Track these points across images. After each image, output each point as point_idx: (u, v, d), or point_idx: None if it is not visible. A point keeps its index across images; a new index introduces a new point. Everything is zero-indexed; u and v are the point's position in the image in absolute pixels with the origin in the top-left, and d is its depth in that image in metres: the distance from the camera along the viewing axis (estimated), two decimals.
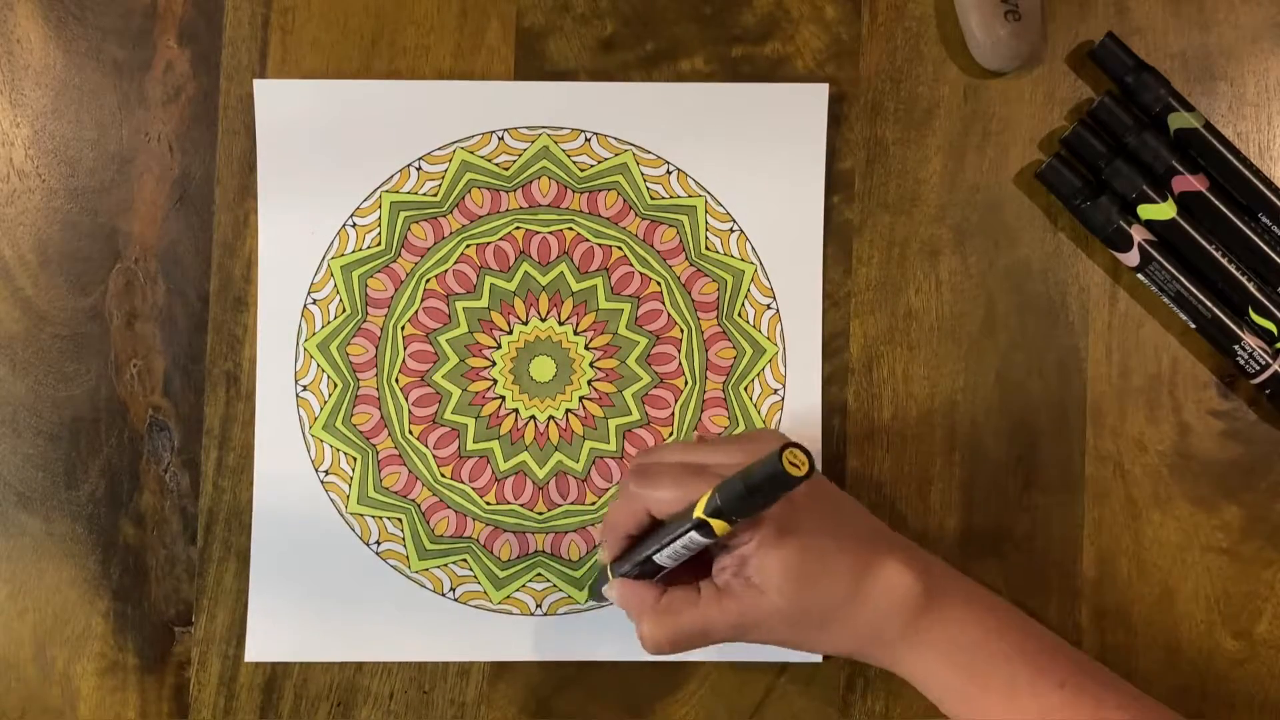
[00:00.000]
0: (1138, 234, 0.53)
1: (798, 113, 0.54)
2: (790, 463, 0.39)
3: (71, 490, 0.54)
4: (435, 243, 0.54)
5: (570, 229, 0.54)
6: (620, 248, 0.54)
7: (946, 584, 0.47)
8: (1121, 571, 0.54)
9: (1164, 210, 0.53)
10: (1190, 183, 0.53)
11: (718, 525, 0.42)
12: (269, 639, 0.53)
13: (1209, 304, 0.53)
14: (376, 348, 0.54)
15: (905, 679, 0.47)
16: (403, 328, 0.54)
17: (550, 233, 0.54)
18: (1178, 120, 0.53)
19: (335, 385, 0.54)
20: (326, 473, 0.54)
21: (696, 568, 0.47)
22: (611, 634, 0.53)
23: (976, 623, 0.46)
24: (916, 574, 0.46)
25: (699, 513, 0.42)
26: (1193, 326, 0.53)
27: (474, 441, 0.54)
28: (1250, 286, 0.53)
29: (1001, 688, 0.45)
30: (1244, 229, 0.53)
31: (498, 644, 0.53)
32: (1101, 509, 0.54)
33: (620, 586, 0.48)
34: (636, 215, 0.54)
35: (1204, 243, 0.53)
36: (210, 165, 0.54)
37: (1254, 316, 0.53)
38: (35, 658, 0.53)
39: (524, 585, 0.53)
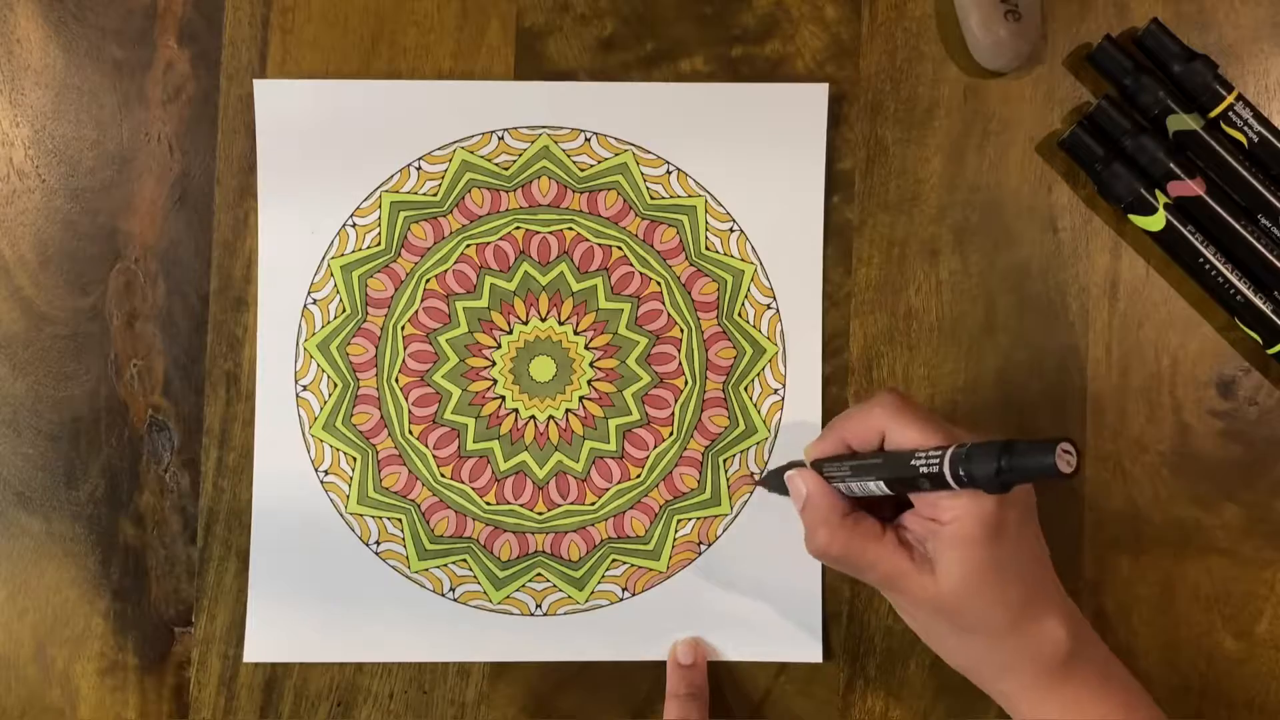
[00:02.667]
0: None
1: (798, 113, 0.54)
2: (1064, 454, 0.38)
3: (71, 490, 0.54)
4: (435, 243, 0.54)
5: (570, 229, 0.54)
6: (620, 248, 0.54)
7: (1091, 654, 0.47)
8: (1121, 571, 0.54)
9: (1154, 222, 0.53)
10: (1188, 187, 0.53)
11: (952, 481, 0.41)
12: (268, 639, 0.53)
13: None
14: (376, 348, 0.54)
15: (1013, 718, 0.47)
16: (403, 328, 0.54)
17: (550, 233, 0.54)
18: (1176, 122, 0.53)
19: (335, 385, 0.54)
20: (326, 473, 0.54)
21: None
22: (611, 634, 0.53)
23: (1105, 699, 0.46)
24: (1070, 634, 0.45)
25: (944, 465, 0.41)
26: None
27: (474, 441, 0.54)
28: (1244, 291, 0.53)
29: None
30: (1242, 232, 0.53)
31: (498, 644, 0.53)
32: (1101, 509, 0.54)
33: (816, 482, 0.47)
34: (636, 215, 0.54)
35: (1199, 247, 0.53)
36: (210, 165, 0.54)
37: (1240, 325, 0.53)
38: (35, 658, 0.53)
39: (524, 585, 0.53)
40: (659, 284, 0.54)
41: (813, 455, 0.48)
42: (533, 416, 0.54)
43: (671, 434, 0.54)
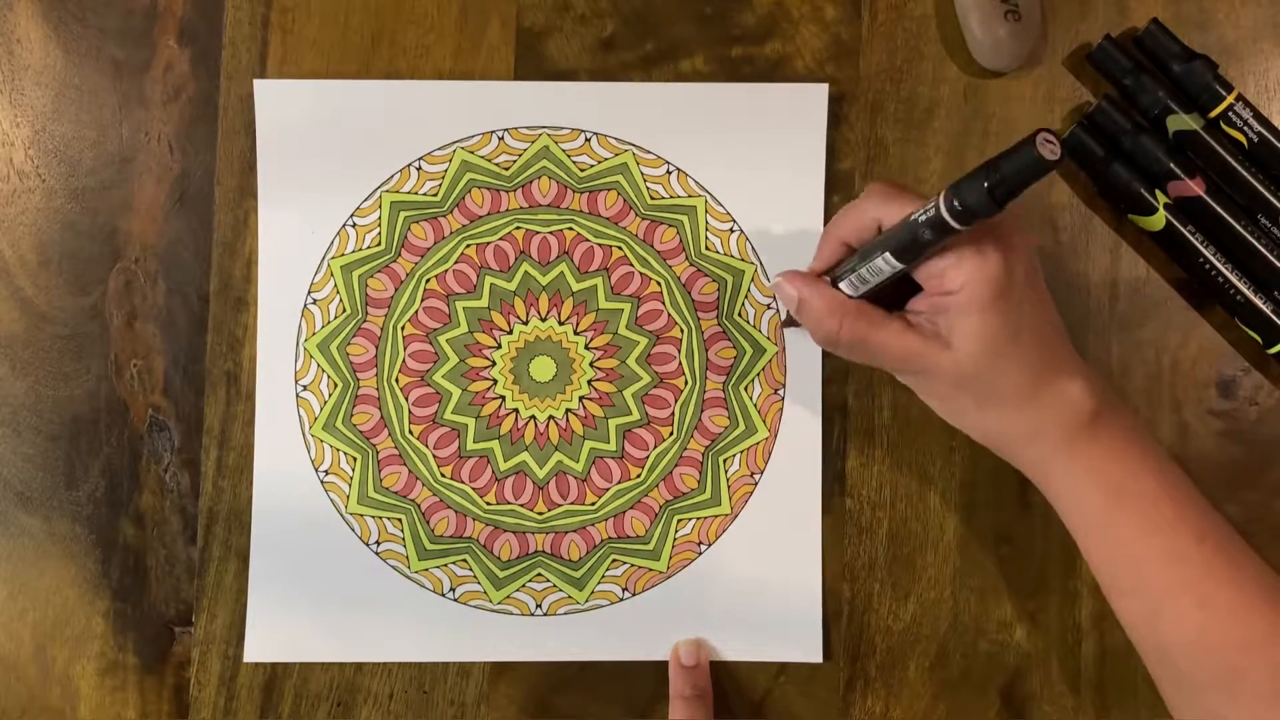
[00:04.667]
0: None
1: (798, 113, 0.54)
2: (1045, 143, 0.37)
3: (71, 490, 0.54)
4: (435, 242, 0.54)
5: (570, 229, 0.54)
6: (620, 248, 0.54)
7: (1115, 412, 0.46)
8: None
9: (1154, 222, 0.53)
10: (1188, 187, 0.53)
11: (957, 221, 0.41)
12: (269, 639, 0.53)
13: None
14: (376, 348, 0.54)
15: (1042, 489, 0.48)
16: (403, 327, 0.54)
17: (550, 233, 0.54)
18: (1176, 122, 0.53)
19: (335, 385, 0.54)
20: (326, 473, 0.53)
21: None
22: (612, 634, 0.53)
23: (1134, 458, 0.46)
24: (1091, 392, 0.46)
25: (939, 205, 0.41)
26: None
27: (474, 441, 0.54)
28: (1244, 291, 0.53)
29: (1139, 522, 0.45)
30: (1242, 232, 0.53)
31: (498, 644, 0.53)
32: None
33: (804, 278, 0.48)
34: (636, 215, 0.54)
35: (1199, 247, 0.53)
36: (210, 165, 0.54)
37: (1240, 325, 0.54)
38: (35, 658, 0.53)
39: (524, 585, 0.53)
40: (659, 284, 0.54)
41: (817, 268, 0.49)
42: (533, 416, 0.54)
43: (671, 434, 0.54)
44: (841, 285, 0.47)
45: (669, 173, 0.54)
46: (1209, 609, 0.44)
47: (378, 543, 0.53)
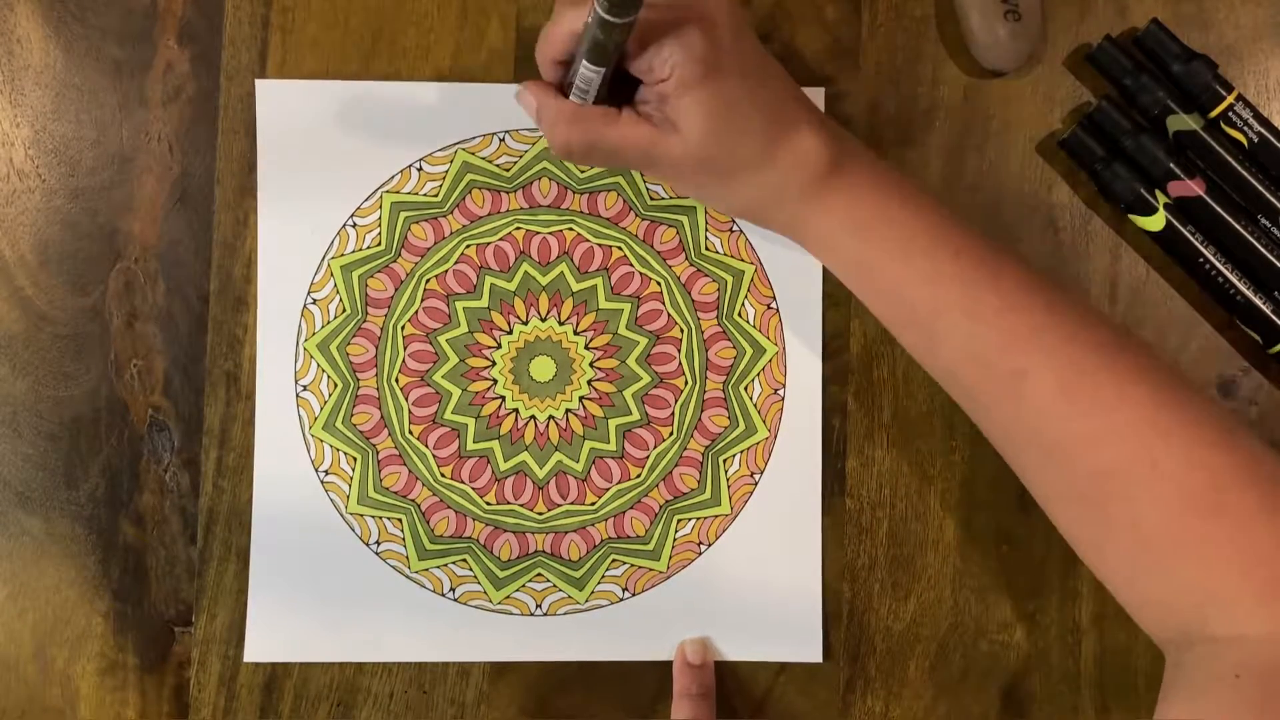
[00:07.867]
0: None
1: None
2: None
3: (71, 490, 0.54)
4: (435, 243, 0.54)
5: (570, 229, 0.54)
6: (620, 248, 0.54)
7: (855, 156, 0.47)
8: None
9: (1154, 222, 0.53)
10: (1188, 187, 0.53)
11: (610, 15, 0.41)
12: (269, 639, 0.53)
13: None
14: (376, 348, 0.54)
15: (804, 247, 0.49)
16: (403, 328, 0.54)
17: (550, 233, 0.54)
18: (1176, 123, 0.53)
19: (335, 385, 0.54)
20: (326, 473, 0.53)
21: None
22: (612, 634, 0.53)
23: (880, 193, 0.47)
24: (827, 142, 0.46)
25: (594, 7, 0.42)
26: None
27: (474, 441, 0.54)
28: (1244, 291, 0.53)
29: (896, 253, 0.46)
30: (1242, 232, 0.53)
31: (498, 644, 0.53)
32: None
33: (539, 87, 0.48)
34: (636, 216, 0.54)
35: (1199, 247, 0.53)
36: (210, 165, 0.54)
37: (1240, 325, 0.54)
38: (35, 658, 0.53)
39: (524, 585, 0.53)
40: (659, 284, 0.54)
41: (538, 88, 0.49)
42: (533, 416, 0.54)
43: (671, 434, 0.54)
44: (571, 99, 0.48)
45: None
46: (976, 318, 0.45)
47: (378, 543, 0.53)
